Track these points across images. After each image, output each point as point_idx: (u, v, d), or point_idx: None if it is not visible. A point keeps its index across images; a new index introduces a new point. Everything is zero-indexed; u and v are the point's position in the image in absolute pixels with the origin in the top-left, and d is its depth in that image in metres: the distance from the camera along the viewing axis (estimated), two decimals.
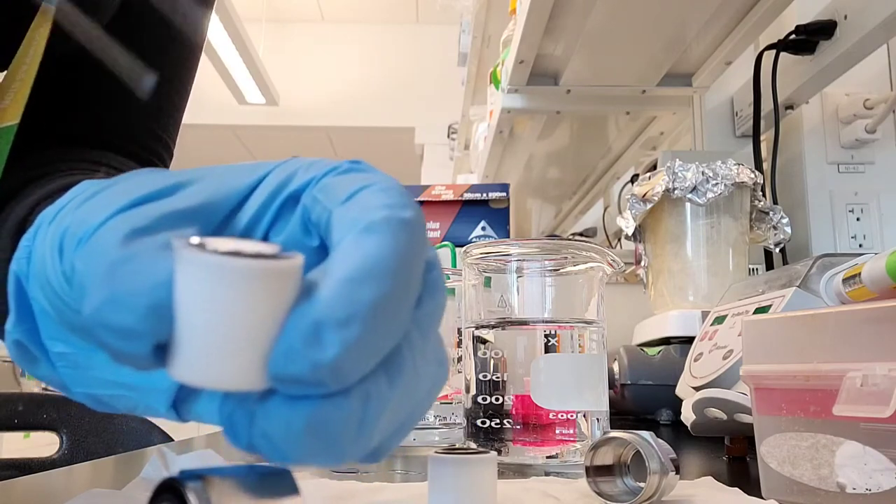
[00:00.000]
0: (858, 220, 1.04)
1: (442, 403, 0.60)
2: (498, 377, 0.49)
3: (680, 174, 0.86)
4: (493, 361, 0.49)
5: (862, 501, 0.30)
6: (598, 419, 0.48)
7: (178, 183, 0.23)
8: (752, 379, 0.36)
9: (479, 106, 2.15)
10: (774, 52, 1.01)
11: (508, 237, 1.29)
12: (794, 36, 0.96)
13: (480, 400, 0.49)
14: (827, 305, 0.49)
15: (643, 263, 0.95)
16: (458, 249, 0.87)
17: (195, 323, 0.18)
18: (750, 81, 1.09)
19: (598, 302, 0.51)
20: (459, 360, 0.57)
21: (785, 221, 0.90)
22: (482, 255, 0.51)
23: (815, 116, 1.07)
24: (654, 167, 1.41)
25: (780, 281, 0.55)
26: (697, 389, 0.54)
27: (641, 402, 0.82)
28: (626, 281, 1.13)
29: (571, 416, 0.47)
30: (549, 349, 0.48)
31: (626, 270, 0.94)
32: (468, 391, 0.50)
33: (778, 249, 0.92)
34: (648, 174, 0.92)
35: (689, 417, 0.55)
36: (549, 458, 0.47)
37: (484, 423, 0.49)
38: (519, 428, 0.48)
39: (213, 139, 4.41)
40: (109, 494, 0.34)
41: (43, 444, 0.92)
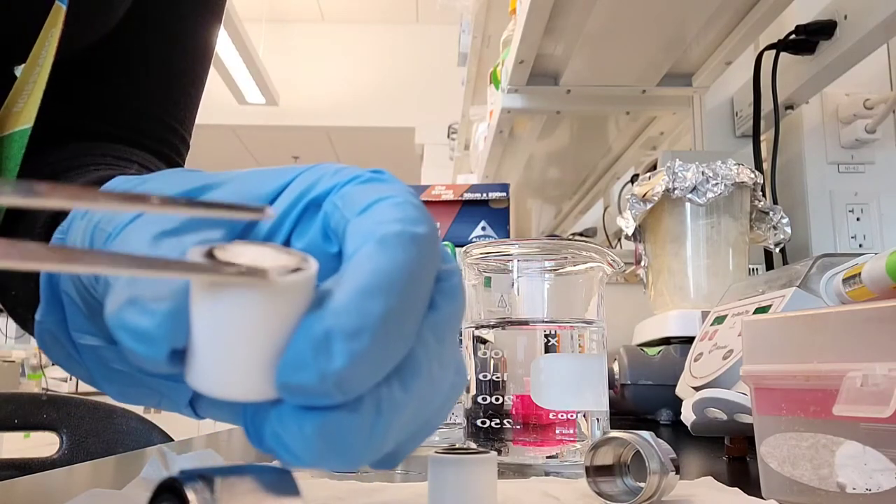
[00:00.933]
0: (858, 220, 1.04)
1: None
2: (498, 377, 0.49)
3: (680, 174, 0.86)
4: (493, 361, 0.49)
5: (862, 501, 0.30)
6: (598, 419, 0.48)
7: (205, 185, 0.24)
8: (752, 379, 0.36)
9: (479, 106, 2.15)
10: (774, 52, 1.01)
11: (508, 237, 1.28)
12: (794, 36, 0.96)
13: (480, 400, 0.49)
14: (827, 305, 0.49)
15: (643, 263, 0.95)
16: (458, 249, 0.86)
17: (206, 335, 0.19)
18: (750, 81, 1.09)
19: (598, 302, 0.51)
20: None
21: (785, 221, 0.90)
22: (482, 255, 0.51)
23: (815, 116, 1.07)
24: (654, 167, 1.41)
25: (780, 281, 0.55)
26: (697, 389, 0.54)
27: (641, 402, 0.82)
28: (626, 281, 1.13)
29: (571, 416, 0.47)
30: (549, 349, 0.48)
31: (626, 270, 0.94)
32: (468, 391, 0.50)
33: (778, 249, 0.92)
34: (648, 174, 0.92)
35: (689, 417, 0.55)
36: (549, 458, 0.47)
37: (484, 423, 0.49)
38: (519, 428, 0.48)
39: (213, 139, 4.41)
40: (109, 494, 0.34)
41: (43, 444, 0.91)
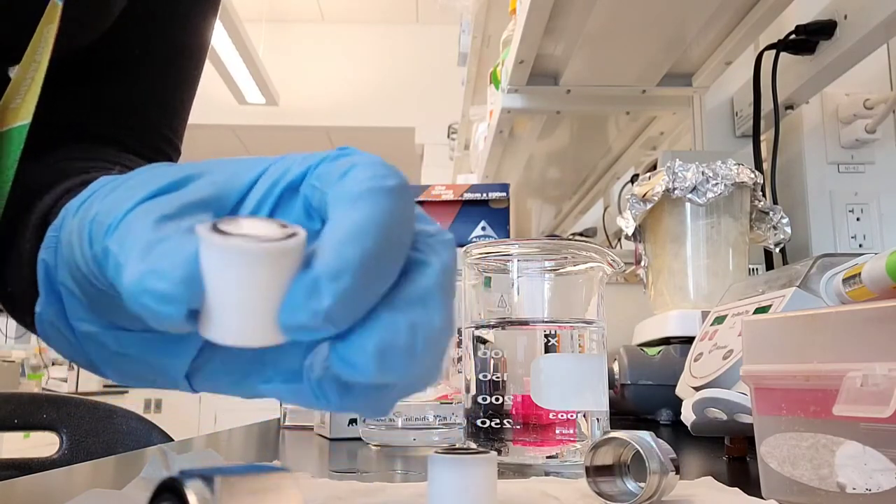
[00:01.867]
0: (858, 220, 1.04)
1: (442, 403, 0.60)
2: (498, 377, 0.49)
3: (680, 174, 0.86)
4: (493, 361, 0.49)
5: (862, 501, 0.30)
6: (598, 419, 0.48)
7: (187, 176, 0.26)
8: (752, 379, 0.36)
9: (479, 106, 2.15)
10: (774, 52, 1.01)
11: (508, 237, 1.28)
12: (794, 36, 0.96)
13: (480, 400, 0.49)
14: (827, 305, 0.49)
15: (643, 263, 0.95)
16: (458, 249, 0.86)
17: (220, 293, 0.22)
18: (750, 81, 1.09)
19: (598, 302, 0.51)
20: (459, 360, 0.57)
21: (785, 221, 0.89)
22: (482, 255, 0.51)
23: (815, 116, 1.07)
24: (654, 167, 1.41)
25: (780, 281, 0.55)
26: (697, 389, 0.54)
27: (641, 402, 0.82)
28: (626, 281, 1.13)
29: (571, 416, 0.47)
30: (549, 349, 0.48)
31: (626, 270, 0.94)
32: (468, 391, 0.50)
33: (778, 249, 0.92)
34: (648, 174, 0.92)
35: (689, 417, 0.55)
36: (549, 458, 0.47)
37: (484, 423, 0.49)
38: (519, 428, 0.48)
39: (213, 139, 4.41)
40: (109, 494, 0.34)
41: (43, 444, 0.91)
